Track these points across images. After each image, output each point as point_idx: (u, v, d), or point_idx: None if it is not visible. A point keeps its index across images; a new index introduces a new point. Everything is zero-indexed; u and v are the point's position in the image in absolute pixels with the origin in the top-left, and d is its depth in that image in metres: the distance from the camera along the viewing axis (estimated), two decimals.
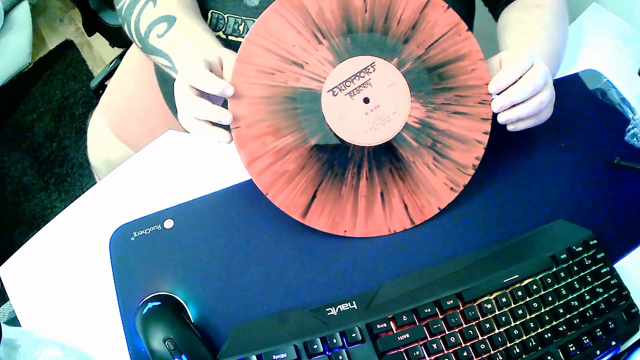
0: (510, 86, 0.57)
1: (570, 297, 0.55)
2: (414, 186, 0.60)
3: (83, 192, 0.64)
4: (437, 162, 0.60)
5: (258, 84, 0.57)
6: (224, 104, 0.57)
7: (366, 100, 0.59)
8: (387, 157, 0.59)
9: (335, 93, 0.58)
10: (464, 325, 0.53)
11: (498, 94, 0.58)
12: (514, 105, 0.57)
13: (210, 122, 0.55)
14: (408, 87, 0.59)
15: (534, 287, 0.55)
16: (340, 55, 0.58)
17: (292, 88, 0.58)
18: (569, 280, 0.56)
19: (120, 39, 1.49)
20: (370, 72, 0.58)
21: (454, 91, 0.60)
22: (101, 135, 0.90)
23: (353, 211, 0.59)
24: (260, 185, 0.58)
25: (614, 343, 0.54)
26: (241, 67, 0.57)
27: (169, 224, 0.61)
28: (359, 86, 0.58)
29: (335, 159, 0.58)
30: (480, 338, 0.53)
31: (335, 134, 0.58)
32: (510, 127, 0.59)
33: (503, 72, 0.57)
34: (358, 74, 0.58)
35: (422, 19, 0.59)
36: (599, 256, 0.58)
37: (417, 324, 0.53)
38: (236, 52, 0.61)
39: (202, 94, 0.56)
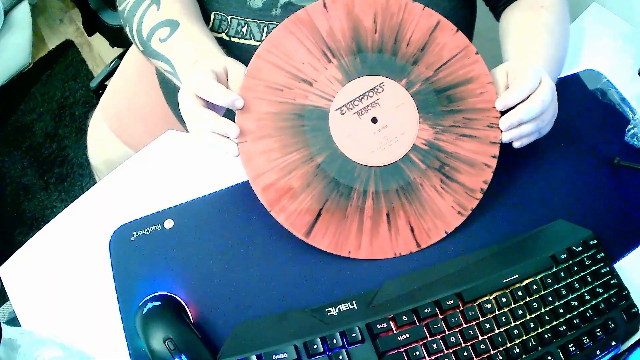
0: (517, 104, 0.57)
1: (570, 297, 0.55)
2: (421, 208, 0.59)
3: (83, 192, 0.64)
4: (445, 185, 0.59)
5: (266, 99, 0.57)
6: (227, 114, 0.57)
7: (374, 120, 0.58)
8: (394, 178, 0.58)
9: (343, 112, 0.58)
10: (464, 325, 0.53)
11: (504, 112, 0.58)
12: (519, 124, 0.57)
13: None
14: (416, 108, 0.59)
15: (534, 287, 0.55)
16: (350, 74, 0.58)
17: (300, 105, 0.57)
18: (569, 280, 0.56)
19: (120, 39, 1.49)
20: (379, 92, 0.58)
21: (462, 114, 0.59)
22: (101, 135, 0.90)
23: (358, 232, 0.58)
24: (264, 201, 0.57)
25: (614, 343, 0.54)
26: (250, 82, 0.57)
27: (169, 224, 0.61)
28: (367, 106, 0.58)
29: (341, 178, 0.58)
30: (480, 338, 0.53)
31: (342, 153, 0.58)
32: (516, 145, 0.59)
33: (511, 91, 0.57)
34: (366, 94, 0.58)
35: (432, 41, 0.59)
36: (599, 256, 0.58)
37: (417, 324, 0.53)
38: (239, 54, 0.61)
39: (208, 105, 0.56)
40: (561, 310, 0.55)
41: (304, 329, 0.53)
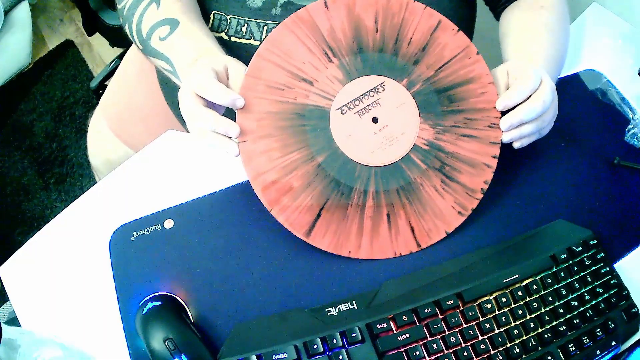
0: (518, 105, 0.57)
1: (570, 297, 0.55)
2: (421, 208, 0.59)
3: (83, 192, 0.64)
4: (445, 185, 0.59)
5: (267, 99, 0.57)
6: (227, 114, 0.57)
7: (375, 120, 0.58)
8: (394, 178, 0.58)
9: (344, 111, 0.58)
10: (464, 325, 0.53)
11: (504, 112, 0.58)
12: (520, 124, 0.57)
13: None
14: (417, 108, 0.59)
15: (534, 287, 0.55)
16: (350, 74, 0.58)
17: (301, 105, 0.57)
18: (569, 280, 0.56)
19: (120, 39, 1.49)
20: (380, 92, 0.58)
21: (463, 114, 0.59)
22: (101, 135, 0.90)
23: (358, 232, 0.58)
24: (265, 201, 0.57)
25: (614, 343, 0.54)
26: (251, 82, 0.57)
27: (169, 224, 0.61)
28: (368, 105, 0.58)
29: (342, 178, 0.58)
30: (480, 338, 0.53)
31: (342, 153, 0.58)
32: (516, 145, 0.59)
33: (512, 91, 0.57)
34: (367, 94, 0.58)
35: (433, 41, 0.59)
36: (599, 256, 0.58)
37: (417, 324, 0.53)
38: (239, 54, 0.61)
39: (208, 104, 0.56)
40: (561, 310, 0.55)
41: (304, 329, 0.53)
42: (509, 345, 0.53)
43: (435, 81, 0.60)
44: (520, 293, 0.55)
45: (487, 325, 0.53)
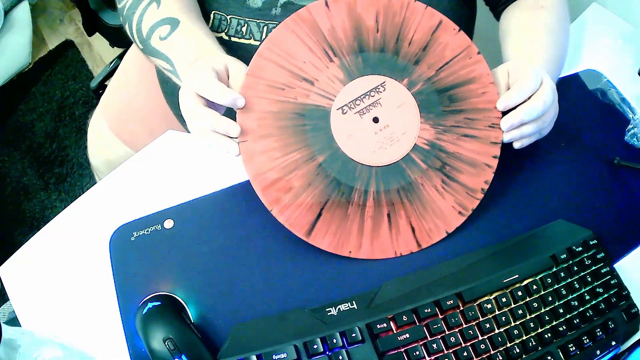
0: (518, 105, 0.57)
1: (570, 297, 0.55)
2: (422, 208, 0.59)
3: (83, 192, 0.64)
4: (446, 185, 0.59)
5: (267, 98, 0.57)
6: (227, 113, 0.57)
7: (375, 120, 0.58)
8: (395, 177, 0.58)
9: (344, 111, 0.58)
10: (464, 325, 0.53)
11: (505, 112, 0.58)
12: (520, 124, 0.57)
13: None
14: (418, 108, 0.59)
15: (534, 287, 0.55)
16: (351, 73, 0.58)
17: (302, 104, 0.57)
18: (569, 280, 0.56)
19: (120, 39, 1.50)
20: (381, 92, 0.58)
21: (463, 114, 0.59)
22: (101, 135, 0.90)
23: (359, 232, 0.58)
24: (265, 201, 0.57)
25: (614, 343, 0.54)
26: (251, 81, 0.57)
27: (169, 224, 0.61)
28: (369, 105, 0.58)
29: (342, 178, 0.57)
30: (480, 338, 0.53)
31: (343, 153, 0.58)
32: (517, 145, 0.59)
33: (513, 92, 0.57)
34: (368, 93, 0.58)
35: (434, 41, 0.59)
36: (599, 256, 0.58)
37: (417, 324, 0.53)
38: (239, 54, 0.61)
39: (209, 103, 0.55)
40: (561, 310, 0.55)
41: (304, 329, 0.53)
42: (509, 345, 0.53)
43: (436, 81, 0.60)
44: (520, 293, 0.55)
45: (487, 325, 0.53)
